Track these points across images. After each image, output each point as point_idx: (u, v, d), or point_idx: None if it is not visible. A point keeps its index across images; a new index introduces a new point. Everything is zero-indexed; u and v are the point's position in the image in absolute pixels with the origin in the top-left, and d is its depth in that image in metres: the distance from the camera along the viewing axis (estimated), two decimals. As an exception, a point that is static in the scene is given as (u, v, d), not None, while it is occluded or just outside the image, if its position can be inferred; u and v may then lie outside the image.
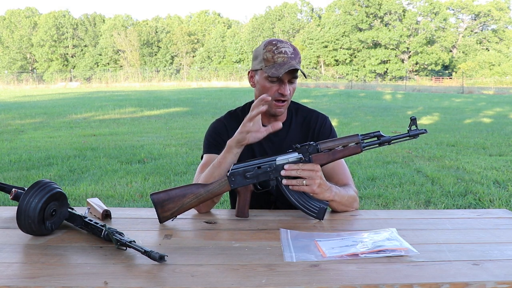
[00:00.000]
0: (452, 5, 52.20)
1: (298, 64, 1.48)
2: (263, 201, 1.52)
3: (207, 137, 1.65)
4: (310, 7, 59.03)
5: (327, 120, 1.67)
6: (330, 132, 1.64)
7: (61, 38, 59.11)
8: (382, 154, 6.00)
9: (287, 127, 1.62)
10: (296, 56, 1.49)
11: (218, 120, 1.67)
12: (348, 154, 1.37)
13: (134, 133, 8.60)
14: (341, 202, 1.45)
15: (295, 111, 1.67)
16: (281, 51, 1.47)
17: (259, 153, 1.60)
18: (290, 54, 1.47)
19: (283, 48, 1.47)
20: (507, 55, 47.06)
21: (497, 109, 14.63)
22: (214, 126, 1.66)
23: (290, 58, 1.47)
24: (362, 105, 16.18)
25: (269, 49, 1.48)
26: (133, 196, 4.12)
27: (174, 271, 0.99)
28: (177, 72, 55.30)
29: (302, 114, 1.66)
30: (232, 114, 1.68)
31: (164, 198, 1.33)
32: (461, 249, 1.13)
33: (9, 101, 18.83)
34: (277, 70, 1.45)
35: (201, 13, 67.05)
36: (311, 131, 1.63)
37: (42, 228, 1.19)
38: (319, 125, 1.64)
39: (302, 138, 1.62)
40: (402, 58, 50.29)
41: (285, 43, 1.50)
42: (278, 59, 1.47)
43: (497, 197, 4.02)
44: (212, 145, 1.62)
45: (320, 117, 1.66)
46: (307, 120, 1.65)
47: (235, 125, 1.53)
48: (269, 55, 1.48)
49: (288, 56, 1.47)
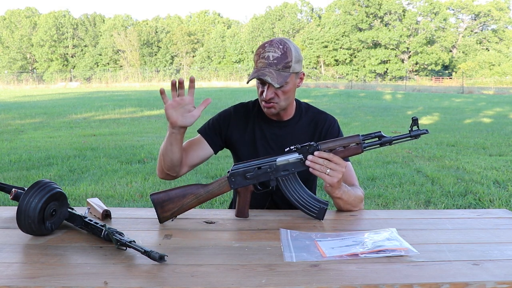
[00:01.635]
0: (452, 5, 52.17)
1: (278, 71, 1.44)
2: (259, 196, 1.52)
3: (211, 120, 1.69)
4: (310, 7, 59.00)
5: (336, 123, 1.67)
6: (338, 134, 1.64)
7: (61, 38, 59.08)
8: (382, 154, 6.00)
9: (294, 124, 1.64)
10: (279, 63, 1.44)
11: (228, 109, 1.70)
12: (349, 155, 1.37)
13: (134, 133, 8.59)
14: (347, 201, 1.45)
15: (305, 110, 1.68)
16: (264, 56, 1.46)
17: (262, 142, 1.63)
18: (272, 60, 1.44)
19: (268, 53, 1.45)
20: (507, 55, 47.03)
21: (497, 109, 14.62)
22: (220, 114, 1.70)
23: (269, 65, 1.44)
24: (362, 105, 16.18)
25: (258, 52, 1.49)
26: (133, 196, 4.12)
27: (174, 271, 0.99)
28: (177, 72, 55.26)
29: (312, 114, 1.67)
30: (243, 105, 1.71)
31: (164, 198, 1.33)
32: (461, 249, 1.13)
33: (9, 101, 18.82)
34: (253, 74, 1.48)
35: (201, 13, 67.05)
36: (318, 131, 1.64)
37: (42, 228, 1.19)
38: (327, 126, 1.64)
39: (308, 136, 1.63)
40: (402, 58, 50.27)
41: (274, 47, 1.45)
42: (259, 63, 1.47)
43: (497, 197, 4.02)
44: (210, 130, 1.66)
45: (329, 118, 1.67)
46: (315, 120, 1.65)
47: (241, 118, 1.65)
48: (255, 58, 1.49)
49: (268, 62, 1.44)
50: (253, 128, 1.64)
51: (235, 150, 1.68)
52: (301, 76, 1.55)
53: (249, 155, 1.58)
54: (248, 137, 1.65)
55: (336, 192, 1.40)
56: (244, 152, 1.64)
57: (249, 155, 1.58)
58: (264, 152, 1.60)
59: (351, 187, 1.50)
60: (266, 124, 1.64)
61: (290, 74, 1.47)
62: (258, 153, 1.61)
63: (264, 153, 1.59)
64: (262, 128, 1.64)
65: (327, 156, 1.32)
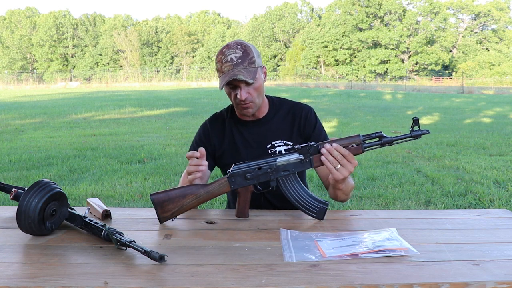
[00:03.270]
0: (452, 5, 52.17)
1: (245, 68, 1.48)
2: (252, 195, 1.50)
3: (195, 137, 1.73)
4: (310, 7, 59.03)
5: (312, 111, 1.71)
6: (316, 121, 1.69)
7: (61, 38, 59.13)
8: (382, 154, 6.00)
9: (270, 119, 1.67)
10: (244, 60, 1.48)
11: (204, 123, 1.74)
12: (349, 155, 1.37)
13: (134, 133, 8.59)
14: (345, 192, 1.51)
15: (279, 104, 1.71)
16: (227, 59, 1.48)
17: (242, 144, 1.65)
18: (236, 60, 1.47)
19: (230, 55, 1.48)
20: (507, 55, 47.03)
21: (497, 109, 14.62)
22: (200, 130, 1.74)
23: (235, 65, 1.47)
24: (362, 105, 16.17)
25: (219, 59, 1.51)
26: (133, 196, 4.12)
27: (174, 271, 0.99)
28: (177, 72, 55.32)
29: (287, 106, 1.71)
30: (217, 116, 1.74)
31: (164, 198, 1.33)
32: (461, 249, 1.13)
33: (9, 101, 18.82)
34: (222, 80, 1.49)
35: (201, 13, 67.07)
36: (297, 122, 1.67)
37: (42, 228, 1.19)
38: (304, 115, 1.68)
39: (287, 128, 1.66)
40: (402, 58, 50.27)
41: (233, 49, 1.49)
42: (225, 68, 1.49)
43: (497, 197, 4.02)
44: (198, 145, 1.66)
45: (305, 108, 1.71)
46: (292, 111, 1.69)
47: (219, 126, 1.68)
48: (218, 66, 1.52)
49: (234, 63, 1.47)
50: (231, 133, 1.67)
51: (220, 160, 1.69)
52: (264, 70, 1.59)
53: (234, 160, 1.51)
54: (228, 143, 1.67)
55: (339, 185, 1.44)
56: (228, 158, 1.65)
57: (234, 160, 1.51)
58: (246, 154, 1.62)
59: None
60: (242, 126, 1.67)
61: (257, 68, 1.51)
62: (241, 156, 1.61)
63: (247, 155, 1.60)
64: (240, 131, 1.67)
65: (343, 151, 1.34)
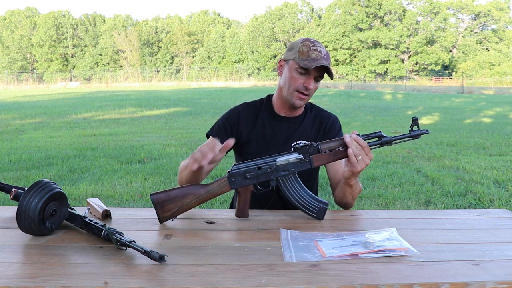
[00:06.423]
0: (452, 5, 52.16)
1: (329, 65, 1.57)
2: (261, 198, 1.52)
3: (220, 120, 1.73)
4: (310, 7, 58.96)
5: (338, 120, 1.78)
6: (339, 132, 1.73)
7: (61, 38, 59.07)
8: (382, 154, 6.00)
9: (301, 120, 1.72)
10: (328, 58, 1.58)
11: (234, 108, 1.75)
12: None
13: (134, 133, 8.59)
14: (354, 192, 1.51)
15: (310, 107, 1.77)
16: (316, 49, 1.56)
17: (271, 137, 1.68)
18: (324, 54, 1.56)
19: (319, 48, 1.57)
20: (507, 55, 47.03)
21: (497, 109, 14.63)
22: (228, 114, 1.74)
23: (323, 58, 1.55)
24: (362, 105, 16.17)
25: (306, 44, 1.57)
26: (133, 196, 4.12)
27: (174, 271, 0.99)
28: (177, 72, 55.29)
29: (316, 111, 1.76)
30: (249, 105, 1.76)
31: (164, 198, 1.33)
32: (461, 249, 1.13)
33: (9, 101, 18.81)
34: (310, 63, 1.53)
35: (201, 13, 67.00)
36: (323, 128, 1.72)
37: (42, 228, 1.19)
38: (330, 122, 1.73)
39: (313, 132, 1.70)
40: (402, 58, 50.27)
41: (321, 45, 1.59)
42: (312, 54, 1.55)
43: (497, 197, 4.02)
44: (221, 130, 1.69)
45: (332, 116, 1.77)
46: (320, 117, 1.74)
47: (250, 115, 1.70)
48: (305, 49, 1.56)
49: (322, 56, 1.55)
50: (263, 124, 1.70)
51: (243, 147, 1.70)
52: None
53: (259, 151, 1.62)
54: (257, 134, 1.69)
55: (352, 180, 1.45)
56: (254, 148, 1.67)
57: (259, 151, 1.62)
58: (273, 147, 1.64)
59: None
60: (275, 120, 1.70)
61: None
62: (267, 148, 1.64)
63: (273, 148, 1.63)
64: (272, 124, 1.70)
65: (362, 143, 1.34)
